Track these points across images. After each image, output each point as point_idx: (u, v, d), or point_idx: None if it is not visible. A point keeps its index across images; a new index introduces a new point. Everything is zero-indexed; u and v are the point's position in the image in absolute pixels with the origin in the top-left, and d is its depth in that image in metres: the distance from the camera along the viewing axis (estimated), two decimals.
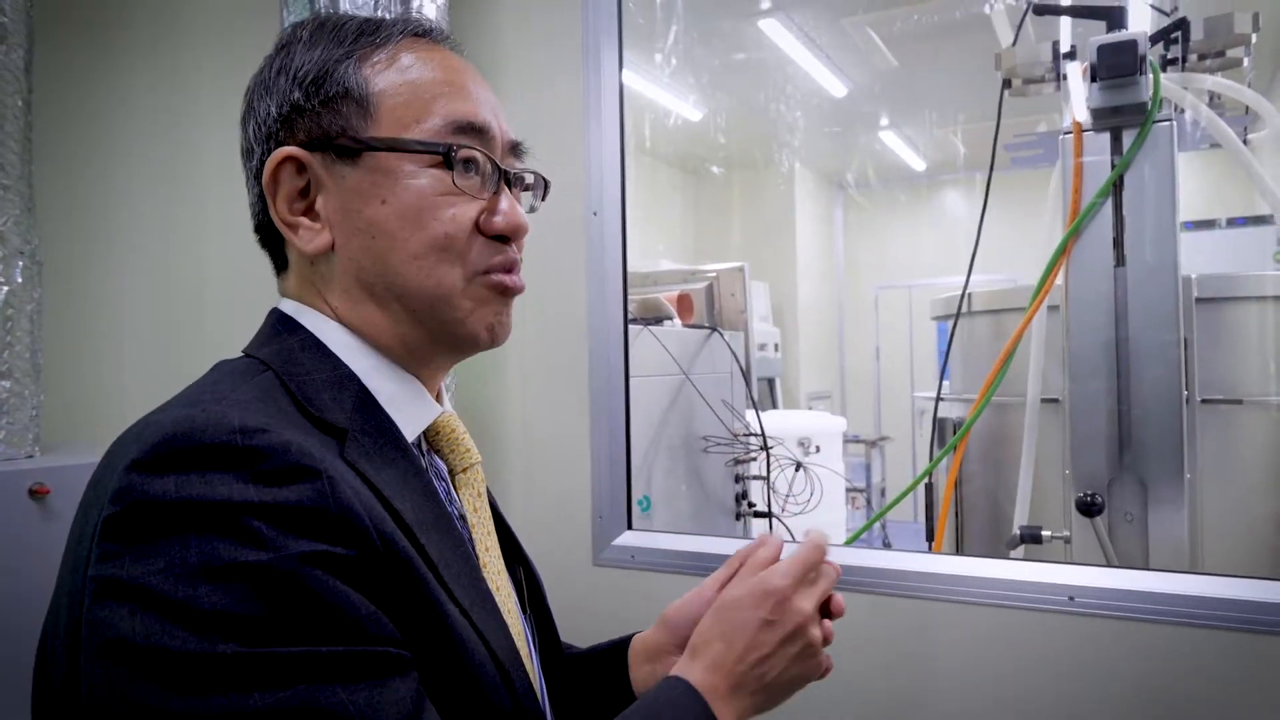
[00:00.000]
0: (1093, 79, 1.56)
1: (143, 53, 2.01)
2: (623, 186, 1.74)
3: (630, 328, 1.77)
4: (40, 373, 1.60)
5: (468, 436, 0.82)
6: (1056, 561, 1.46)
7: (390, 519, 0.64)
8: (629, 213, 1.76)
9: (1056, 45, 1.86)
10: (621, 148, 1.73)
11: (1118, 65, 1.52)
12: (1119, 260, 1.57)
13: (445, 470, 0.81)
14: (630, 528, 1.73)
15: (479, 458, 0.82)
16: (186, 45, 2.02)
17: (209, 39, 2.02)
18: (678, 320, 2.39)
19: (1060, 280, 1.63)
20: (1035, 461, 1.73)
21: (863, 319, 7.52)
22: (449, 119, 0.72)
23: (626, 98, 1.76)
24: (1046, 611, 1.33)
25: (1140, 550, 1.54)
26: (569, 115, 1.75)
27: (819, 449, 3.07)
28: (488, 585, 0.73)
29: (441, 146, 0.71)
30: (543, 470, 1.79)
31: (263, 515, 0.56)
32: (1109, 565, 1.52)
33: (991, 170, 1.81)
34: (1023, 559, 1.58)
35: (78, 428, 1.82)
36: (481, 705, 0.65)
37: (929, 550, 1.91)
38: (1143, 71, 1.52)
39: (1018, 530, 1.67)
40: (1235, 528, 1.67)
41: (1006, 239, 2.62)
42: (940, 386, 2.07)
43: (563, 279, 1.75)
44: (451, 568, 0.68)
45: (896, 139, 6.80)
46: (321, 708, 0.54)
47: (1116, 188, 1.57)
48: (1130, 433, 1.55)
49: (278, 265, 0.79)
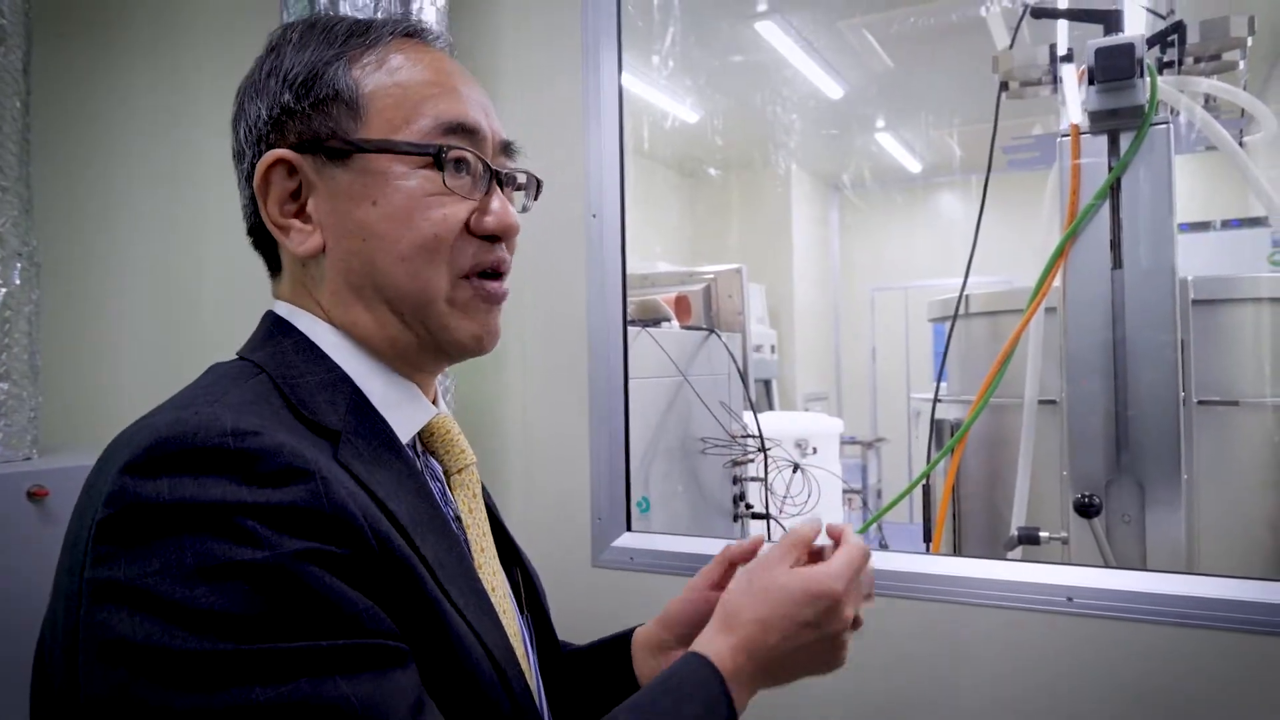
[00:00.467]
0: (1090, 82, 1.57)
1: (141, 53, 2.01)
2: (622, 188, 1.74)
3: (628, 329, 1.77)
4: (39, 374, 1.60)
5: (463, 438, 0.82)
6: (1054, 562, 1.46)
7: (385, 519, 0.64)
8: (627, 214, 1.76)
9: (1054, 48, 1.86)
10: (621, 150, 1.73)
11: (1115, 68, 1.53)
12: (1116, 262, 1.57)
13: (440, 472, 0.81)
14: (629, 529, 1.73)
15: (474, 459, 0.82)
16: (185, 46, 2.02)
17: (208, 39, 2.02)
18: (675, 322, 2.39)
19: (1057, 282, 1.63)
20: (1033, 463, 1.74)
21: (859, 320, 7.53)
22: (439, 120, 0.73)
23: (624, 100, 1.76)
24: (1045, 612, 1.34)
25: (1138, 551, 1.55)
26: (568, 117, 1.75)
27: (816, 450, 3.07)
28: (483, 586, 0.73)
29: (432, 148, 0.71)
30: (542, 471, 1.79)
31: (257, 515, 0.57)
32: (1107, 566, 1.52)
33: (989, 172, 1.81)
34: (1020, 560, 1.59)
35: (76, 430, 1.82)
36: (479, 704, 0.65)
37: (927, 551, 1.92)
38: (1140, 75, 1.53)
39: (1015, 531, 1.67)
40: (1232, 528, 1.68)
41: (1002, 241, 2.63)
42: (938, 388, 2.07)
43: (562, 280, 1.75)
44: (447, 568, 0.68)
45: (892, 141, 6.81)
46: (324, 700, 0.54)
47: (1114, 190, 1.58)
48: (1127, 434, 1.55)
49: (271, 267, 0.79)
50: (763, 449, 2.34)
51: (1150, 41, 1.74)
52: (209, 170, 1.98)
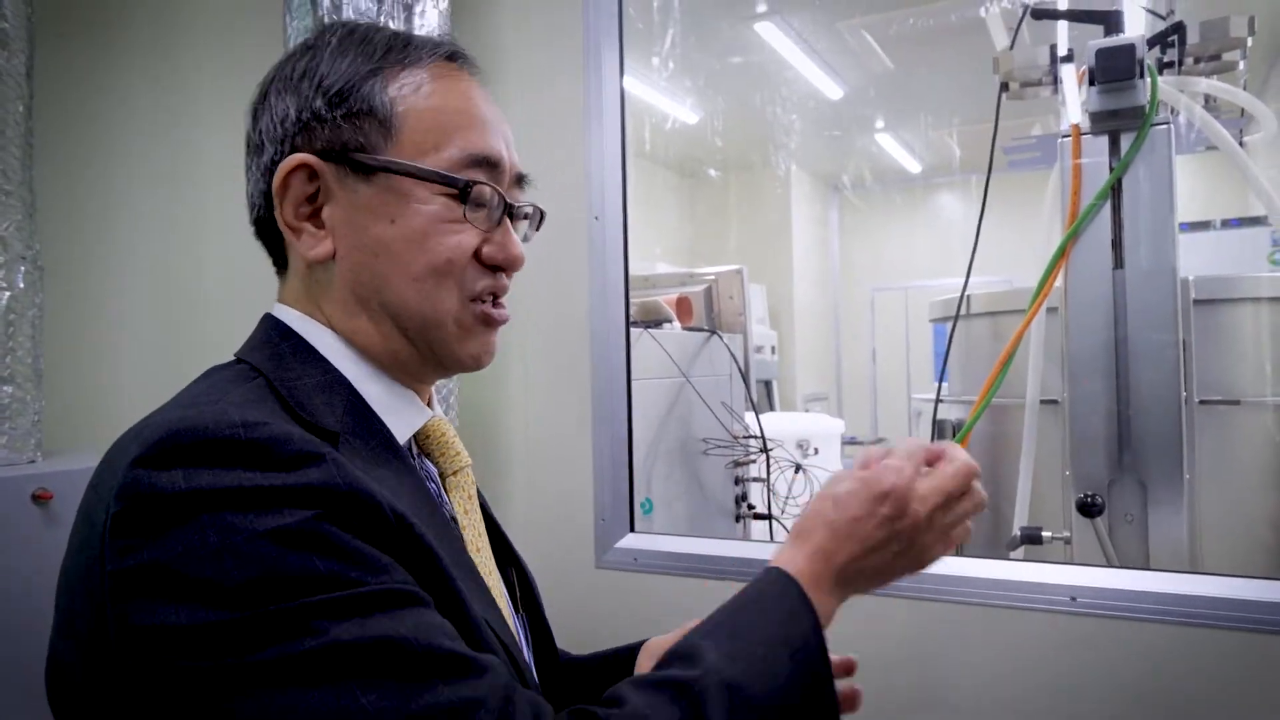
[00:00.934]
0: (1091, 83, 1.57)
1: (143, 55, 2.01)
2: (624, 190, 1.75)
3: (630, 330, 1.78)
4: (42, 378, 1.60)
5: (458, 440, 0.83)
6: (1057, 562, 1.47)
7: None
8: (628, 216, 1.76)
9: (1054, 49, 1.87)
10: (623, 152, 1.74)
11: (1115, 69, 1.53)
12: (1117, 262, 1.58)
13: (436, 474, 0.82)
14: (632, 530, 1.73)
15: (469, 460, 0.84)
16: (187, 47, 2.02)
17: (209, 41, 2.02)
18: (677, 323, 2.39)
19: (1059, 282, 1.64)
20: (1035, 462, 1.74)
21: (859, 321, 7.54)
22: (466, 151, 0.74)
23: (625, 101, 1.76)
24: (1048, 611, 1.34)
25: (1140, 550, 1.55)
26: (570, 118, 1.75)
27: (817, 451, 3.07)
28: (484, 583, 0.74)
29: (459, 181, 0.73)
30: (545, 473, 1.80)
31: (274, 496, 0.58)
32: (1109, 565, 1.53)
33: (990, 173, 1.82)
34: (1023, 560, 1.59)
35: (79, 432, 1.82)
36: None
37: None
38: (1140, 75, 1.53)
39: (1018, 531, 1.67)
40: (1234, 527, 1.68)
41: (1002, 241, 2.63)
42: (939, 388, 2.07)
43: (564, 282, 1.76)
44: (450, 560, 0.69)
45: (892, 141, 6.82)
46: (372, 637, 0.56)
47: (1114, 190, 1.58)
48: (1129, 434, 1.55)
49: (277, 263, 0.80)
50: (765, 449, 2.34)
51: (1150, 42, 1.74)
52: (209, 171, 1.98)
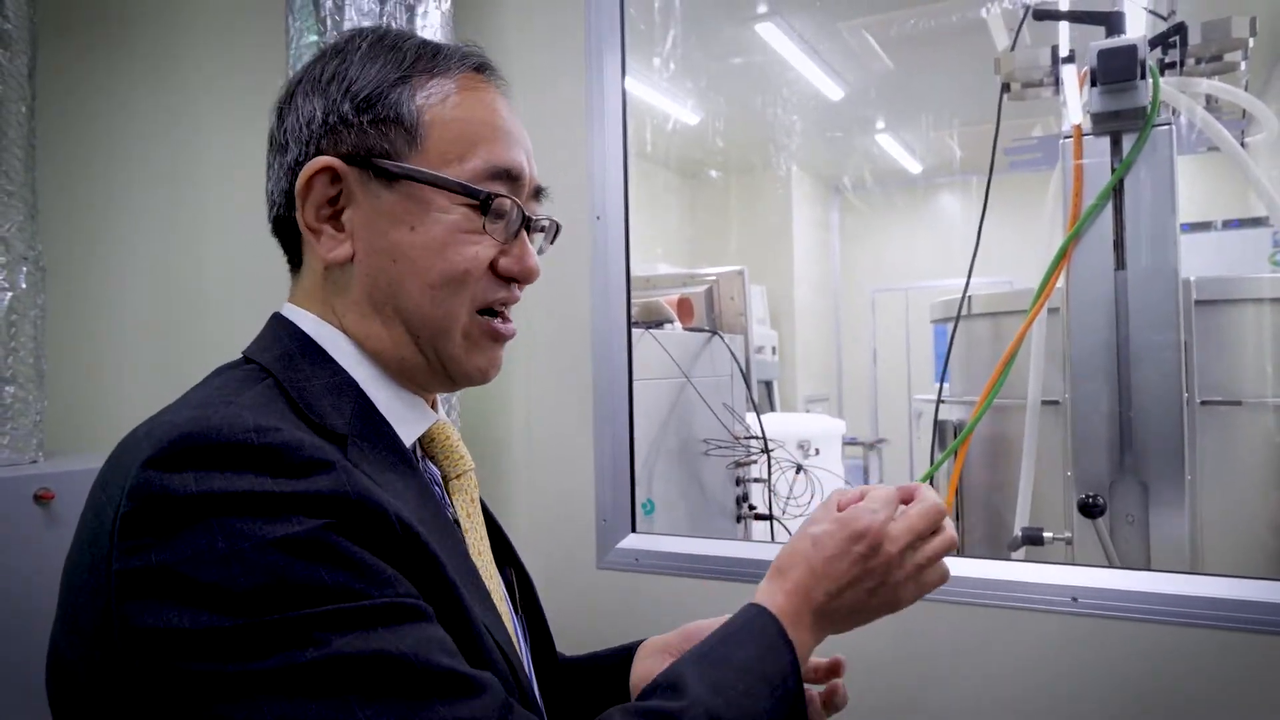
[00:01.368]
0: (1092, 83, 1.57)
1: (144, 56, 2.02)
2: (625, 191, 1.75)
3: (631, 331, 1.78)
4: (44, 378, 1.61)
5: (461, 444, 0.84)
6: (1059, 563, 1.47)
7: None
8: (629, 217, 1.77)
9: (1055, 49, 1.87)
10: (624, 152, 1.74)
11: (1117, 70, 1.53)
12: (1119, 263, 1.58)
13: (439, 476, 0.82)
14: (634, 531, 1.73)
15: (472, 464, 0.84)
16: (188, 48, 2.02)
17: (210, 41, 2.02)
18: (678, 324, 2.39)
19: (1060, 283, 1.64)
20: (1036, 463, 1.74)
21: (860, 322, 7.53)
22: (489, 163, 0.75)
23: (626, 102, 1.76)
24: (1049, 612, 1.34)
25: (1142, 551, 1.55)
26: (572, 120, 1.75)
27: (818, 451, 3.07)
28: (485, 586, 0.75)
29: (481, 194, 0.73)
30: (547, 473, 1.80)
31: (285, 503, 0.58)
32: (1111, 566, 1.53)
33: (991, 174, 1.82)
34: (1025, 560, 1.59)
35: (81, 433, 1.82)
36: None
37: None
38: (1142, 76, 1.53)
39: (1019, 532, 1.67)
40: (1235, 528, 1.68)
41: (1004, 242, 2.63)
42: (941, 389, 2.07)
43: (566, 283, 1.76)
44: (453, 565, 0.69)
45: (893, 142, 6.81)
46: (373, 652, 0.56)
47: (1116, 191, 1.58)
48: (1131, 434, 1.55)
49: (292, 261, 0.81)
50: (766, 450, 2.34)
51: (1152, 43, 1.74)
52: (210, 171, 1.98)
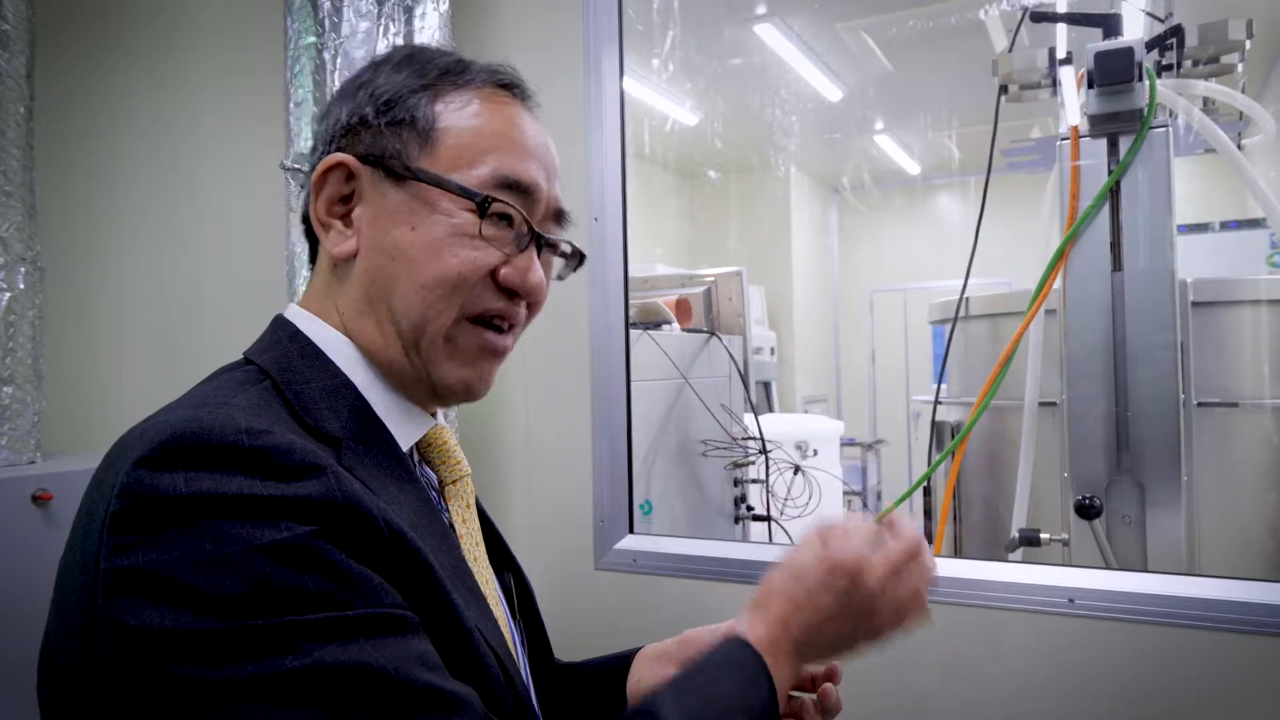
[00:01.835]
0: (1089, 85, 1.57)
1: (143, 57, 2.02)
2: (624, 192, 1.75)
3: (629, 332, 1.78)
4: (42, 379, 1.61)
5: (459, 449, 0.84)
6: (1055, 564, 1.47)
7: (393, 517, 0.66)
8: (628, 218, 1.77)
9: (1053, 51, 1.87)
10: (623, 154, 1.74)
11: (1114, 72, 1.54)
12: (1116, 264, 1.58)
13: (436, 481, 0.82)
14: (632, 532, 1.73)
15: (469, 470, 0.84)
16: (187, 49, 2.02)
17: (210, 43, 2.02)
18: (676, 325, 2.40)
19: (1058, 284, 1.64)
20: (1033, 464, 1.74)
21: (858, 322, 7.53)
22: (498, 171, 0.75)
23: (624, 103, 1.76)
24: (1046, 613, 1.34)
25: (1138, 552, 1.55)
26: (570, 120, 1.76)
27: (816, 452, 3.07)
28: (481, 591, 0.75)
29: (478, 196, 0.73)
30: (545, 474, 1.80)
31: (273, 506, 0.58)
32: (1108, 567, 1.53)
33: (989, 175, 1.82)
34: (1021, 561, 1.59)
35: (79, 433, 1.82)
36: (485, 696, 0.66)
37: None
38: (1139, 78, 1.54)
39: (1016, 533, 1.68)
40: (1231, 529, 1.68)
41: (1001, 243, 2.63)
42: (938, 390, 2.08)
43: (564, 285, 1.74)
44: (447, 570, 0.69)
45: (891, 143, 6.82)
46: (353, 663, 0.56)
47: (1113, 193, 1.58)
48: (1128, 436, 1.56)
49: (313, 258, 0.82)
50: (764, 451, 2.34)
51: (1149, 45, 1.75)
52: (209, 173, 1.98)
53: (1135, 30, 1.79)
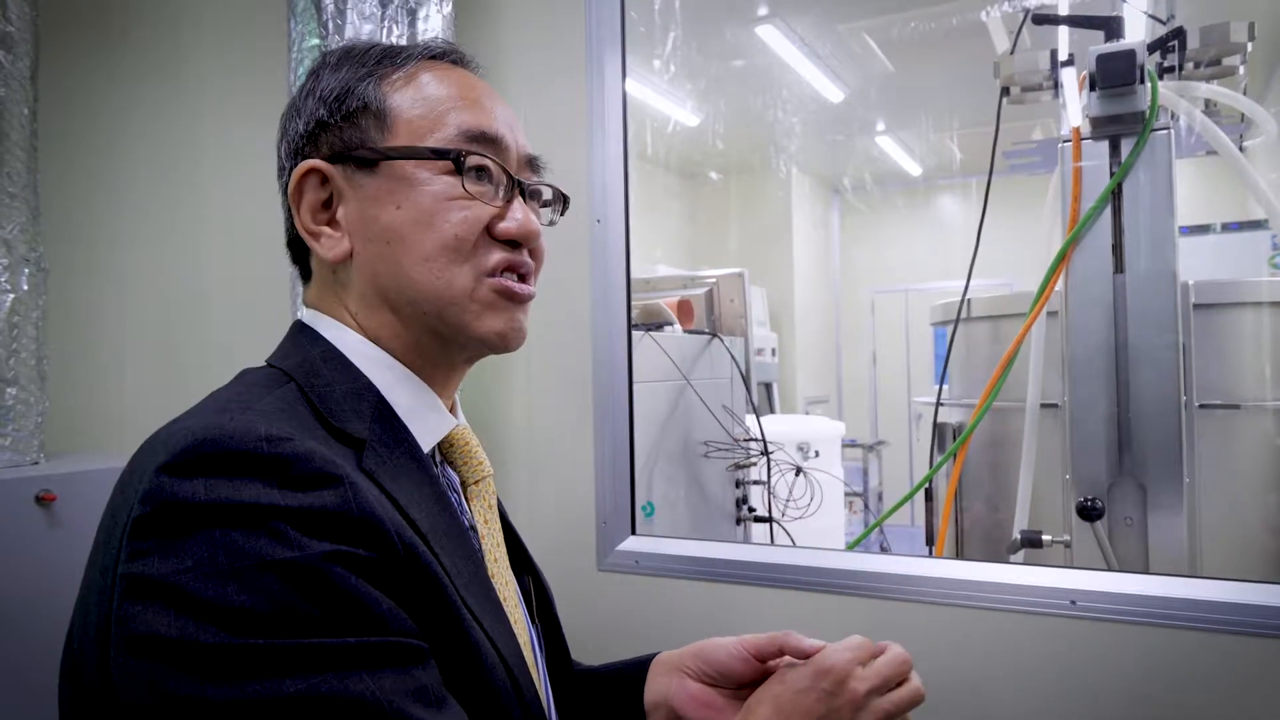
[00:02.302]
0: (1091, 87, 1.58)
1: (147, 59, 2.02)
2: (626, 193, 1.75)
3: (631, 333, 1.78)
4: (46, 380, 1.61)
5: (480, 449, 0.83)
6: (1057, 566, 1.47)
7: (409, 527, 0.66)
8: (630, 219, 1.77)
9: (1054, 53, 1.87)
10: (625, 155, 1.74)
11: (1116, 74, 1.54)
12: (1118, 266, 1.58)
13: (458, 482, 0.82)
14: (634, 533, 1.74)
15: (490, 470, 0.84)
16: (190, 51, 2.03)
17: (213, 45, 2.02)
18: (678, 326, 2.40)
19: (1060, 286, 1.64)
20: (1035, 466, 1.74)
21: (859, 324, 7.54)
22: (462, 129, 0.75)
23: (627, 104, 1.77)
24: (1047, 615, 1.34)
25: (1140, 554, 1.55)
26: (572, 122, 1.76)
27: (818, 453, 3.08)
28: (498, 595, 0.74)
29: (452, 152, 0.74)
30: (547, 476, 1.80)
31: (288, 518, 0.59)
32: (1109, 569, 1.53)
33: (990, 177, 1.82)
34: (1023, 563, 1.59)
35: (83, 434, 1.82)
36: (492, 709, 0.67)
37: (930, 554, 1.92)
38: (1141, 80, 1.54)
39: (1018, 534, 1.68)
40: (1233, 531, 1.68)
41: (1002, 244, 2.64)
42: (940, 391, 2.08)
43: (566, 286, 1.76)
44: (464, 577, 0.70)
45: (893, 144, 6.82)
46: (350, 694, 0.57)
47: (1115, 195, 1.59)
48: (1129, 437, 1.56)
49: (304, 276, 0.82)
50: (765, 452, 2.34)
51: (1151, 47, 1.75)
52: (212, 174, 1.99)
53: (1137, 32, 1.79)
